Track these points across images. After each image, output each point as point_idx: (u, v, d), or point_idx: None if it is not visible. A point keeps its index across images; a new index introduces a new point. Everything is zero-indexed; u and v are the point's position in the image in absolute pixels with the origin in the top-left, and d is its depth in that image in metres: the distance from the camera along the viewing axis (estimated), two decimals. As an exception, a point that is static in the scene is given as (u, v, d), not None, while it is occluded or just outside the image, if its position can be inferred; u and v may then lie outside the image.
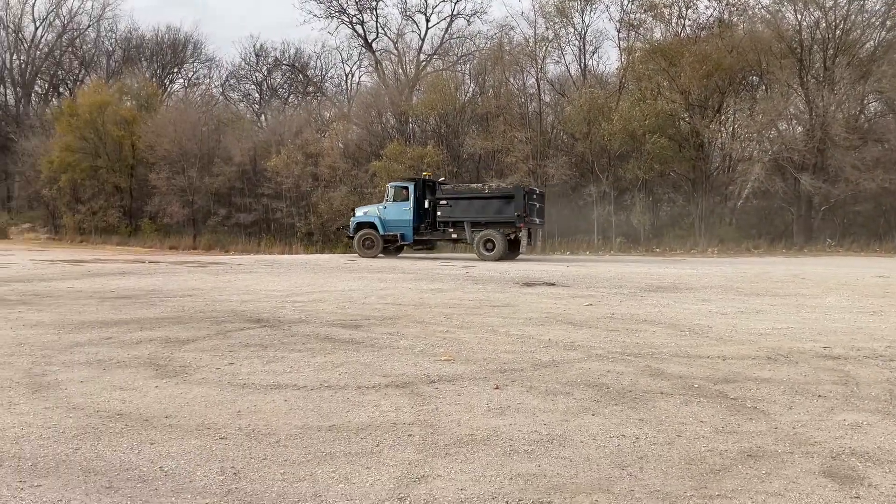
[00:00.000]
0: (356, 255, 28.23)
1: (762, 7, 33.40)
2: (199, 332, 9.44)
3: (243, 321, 10.38)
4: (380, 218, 27.64)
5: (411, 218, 27.38)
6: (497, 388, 6.71)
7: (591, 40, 36.19)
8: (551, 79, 36.87)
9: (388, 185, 28.78)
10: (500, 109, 34.26)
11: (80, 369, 7.36)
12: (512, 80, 36.27)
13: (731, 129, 33.51)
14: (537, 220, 27.40)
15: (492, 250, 26.13)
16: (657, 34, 34.51)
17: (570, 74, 36.72)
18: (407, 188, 27.81)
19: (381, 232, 27.62)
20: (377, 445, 5.14)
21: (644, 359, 8.04)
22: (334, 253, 30.45)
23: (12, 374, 7.15)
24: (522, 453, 5.01)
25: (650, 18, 34.70)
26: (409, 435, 5.37)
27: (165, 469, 4.69)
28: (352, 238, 28.56)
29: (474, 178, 35.63)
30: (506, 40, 37.36)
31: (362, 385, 6.79)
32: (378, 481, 4.51)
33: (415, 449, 5.08)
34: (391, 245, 28.24)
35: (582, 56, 36.22)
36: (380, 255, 27.71)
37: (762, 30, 32.55)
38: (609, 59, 43.96)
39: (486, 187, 27.86)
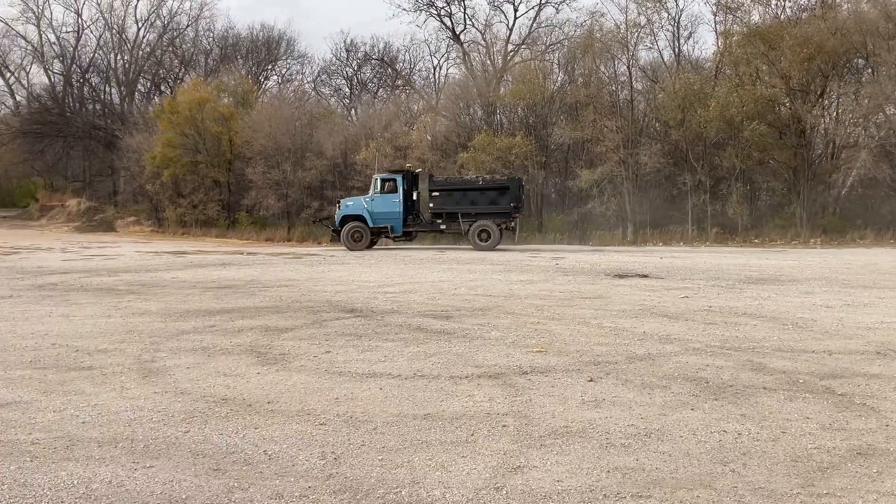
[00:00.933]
0: (442, 245, 28.41)
1: (869, -15, 31.73)
2: (296, 322, 9.71)
3: (338, 311, 10.61)
4: (368, 210, 27.44)
5: (401, 210, 27.42)
6: (591, 380, 6.63)
7: (686, 25, 35.38)
8: (643, 65, 36.03)
9: (375, 176, 28.44)
10: (589, 98, 33.71)
11: (186, 356, 7.69)
12: (602, 67, 35.62)
13: (834, 114, 31.99)
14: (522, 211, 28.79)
15: (486, 240, 26.67)
16: (755, 17, 33.26)
17: (663, 60, 35.82)
18: (395, 180, 27.73)
19: (370, 224, 27.42)
20: (472, 435, 5.17)
21: (745, 353, 7.80)
22: (423, 245, 30.74)
23: (123, 360, 7.53)
24: (619, 446, 4.94)
25: (748, 1, 33.47)
26: (504, 425, 5.37)
27: (269, 453, 4.85)
28: (337, 231, 28.12)
29: (562, 168, 35.28)
30: (596, 27, 36.72)
31: (455, 375, 6.84)
32: (474, 470, 4.54)
33: (510, 439, 5.08)
34: (377, 238, 28.18)
35: (676, 41, 35.26)
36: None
37: (868, 10, 30.92)
38: (705, 44, 42.79)
39: (481, 179, 28.19)
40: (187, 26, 49.87)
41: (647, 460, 4.68)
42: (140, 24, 49.16)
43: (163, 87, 50.55)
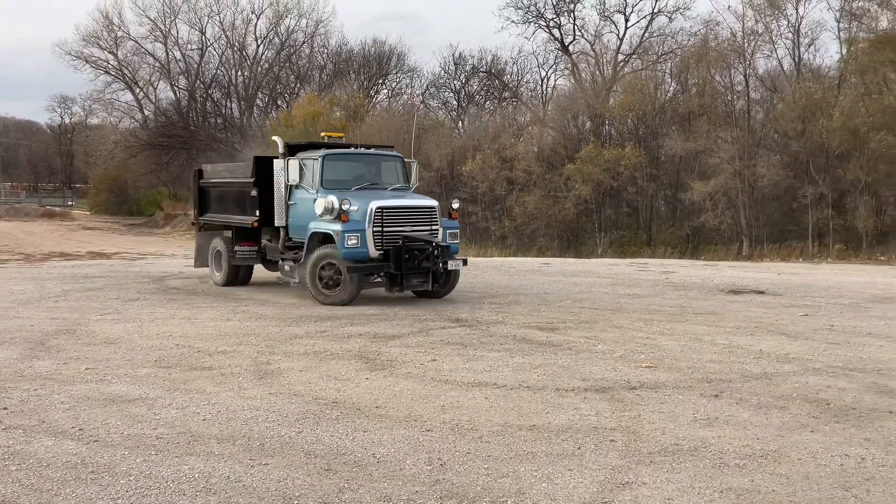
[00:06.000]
0: (547, 257, 28.17)
1: None
2: (403, 329, 9.87)
3: (444, 320, 10.71)
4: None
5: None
6: (715, 395, 6.44)
7: (807, 32, 33.57)
8: (761, 74, 34.71)
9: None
10: (703, 108, 32.72)
11: (299, 359, 7.96)
12: (717, 77, 34.55)
13: (972, 123, 29.87)
14: None
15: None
16: (883, 23, 31.47)
17: (782, 69, 34.37)
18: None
19: None
20: (578, 448, 5.12)
21: (869, 374, 7.38)
22: (527, 256, 30.61)
23: (241, 361, 7.86)
24: (733, 467, 4.77)
25: (875, 6, 31.71)
26: (612, 440, 5.29)
27: (377, 456, 4.96)
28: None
29: (674, 180, 34.40)
30: (711, 36, 35.71)
31: (560, 387, 6.79)
32: (581, 484, 4.49)
33: (618, 454, 5.00)
34: None
35: (796, 49, 33.76)
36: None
37: None
38: (827, 52, 40.83)
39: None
40: (303, 43, 51.76)
41: (762, 482, 4.51)
42: (259, 42, 51.40)
43: (279, 102, 52.59)
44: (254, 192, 13.62)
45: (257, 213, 13.59)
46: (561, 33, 42.20)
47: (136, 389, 6.65)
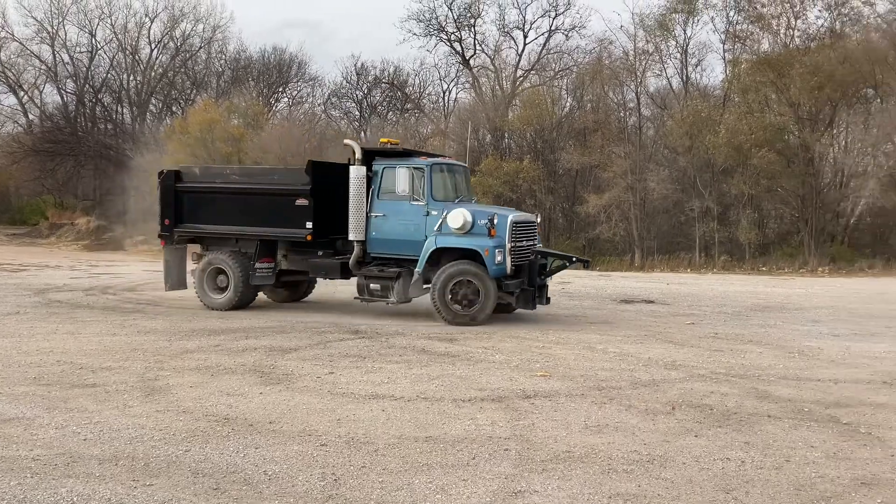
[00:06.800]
0: None
1: (877, 16, 31.82)
2: (300, 342, 9.70)
3: (342, 332, 10.60)
4: None
5: None
6: (606, 402, 6.61)
7: (694, 52, 35.20)
8: (652, 92, 36.16)
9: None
10: (598, 124, 33.81)
11: (189, 375, 7.69)
12: (611, 94, 35.78)
13: (843, 143, 31.95)
14: None
15: None
16: (765, 45, 33.35)
17: (671, 88, 35.93)
18: None
19: None
20: (473, 458, 5.15)
21: (750, 380, 7.75)
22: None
23: (127, 377, 7.53)
24: (621, 472, 4.91)
25: (757, 29, 33.58)
26: (506, 449, 5.35)
27: (269, 473, 4.84)
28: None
29: (570, 193, 35.33)
30: (605, 54, 36.91)
31: (458, 398, 6.82)
32: (475, 494, 4.51)
33: (511, 463, 5.06)
34: None
35: (684, 69, 35.34)
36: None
37: (877, 39, 30.99)
38: (713, 72, 42.91)
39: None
40: (200, 48, 50.35)
41: (649, 487, 4.65)
42: (153, 46, 49.66)
43: (174, 108, 50.94)
44: (304, 202, 12.21)
45: (309, 225, 12.18)
46: (462, 47, 42.65)
47: (13, 409, 6.27)
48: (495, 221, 11.38)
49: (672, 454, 5.28)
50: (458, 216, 11.44)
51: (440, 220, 11.56)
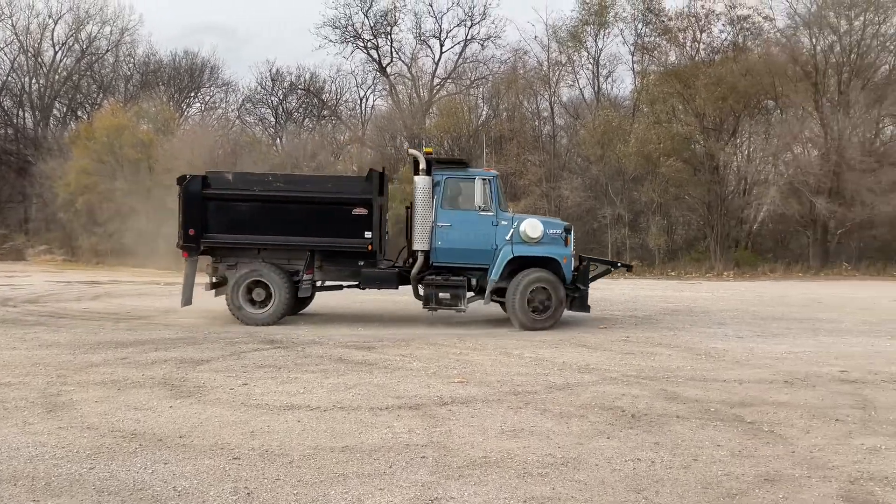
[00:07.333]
0: None
1: (777, 31, 33.42)
2: (213, 353, 9.46)
3: (257, 342, 10.39)
4: None
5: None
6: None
7: (605, 64, 36.24)
8: (565, 102, 36.99)
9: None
10: (513, 133, 34.36)
11: (95, 389, 7.39)
12: (525, 103, 36.41)
13: (746, 152, 33.41)
14: None
15: None
16: (672, 58, 34.61)
17: (583, 98, 36.84)
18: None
19: None
20: (390, 467, 5.12)
21: (659, 382, 7.98)
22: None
23: (27, 393, 7.18)
24: (536, 476, 4.97)
25: (664, 42, 34.81)
26: (423, 457, 5.34)
27: (178, 489, 4.69)
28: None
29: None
30: (519, 64, 37.51)
31: (375, 406, 6.78)
32: (391, 503, 4.49)
33: (427, 471, 5.05)
34: None
35: (596, 80, 36.32)
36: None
37: (777, 53, 32.55)
38: (623, 83, 44.29)
39: None
40: (107, 51, 48.62)
41: (563, 489, 4.72)
42: (57, 48, 47.73)
43: (80, 113, 49.02)
44: (363, 211, 12.04)
45: (368, 235, 12.05)
46: (378, 55, 42.56)
47: None
48: (571, 231, 12.54)
49: (585, 456, 5.38)
50: (536, 226, 12.12)
51: (511, 230, 12.03)
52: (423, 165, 12.22)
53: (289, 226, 12.24)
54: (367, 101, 48.38)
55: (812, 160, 31.37)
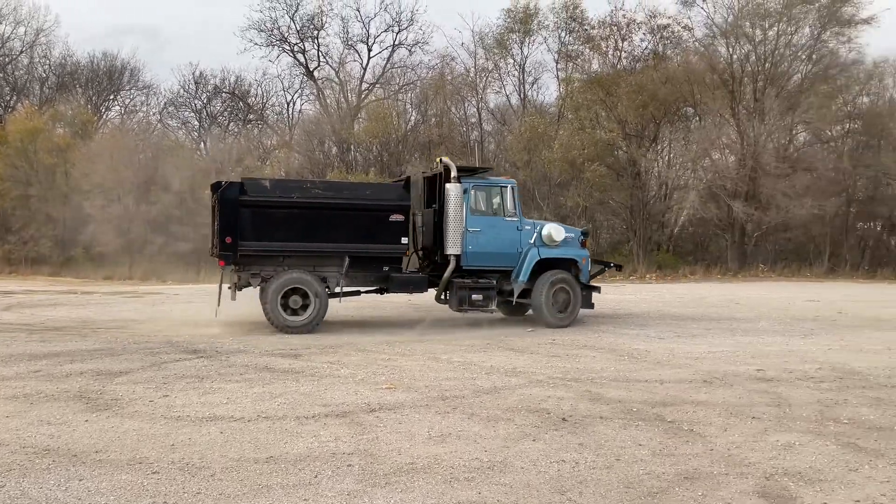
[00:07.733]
0: None
1: (695, 40, 34.61)
2: (132, 364, 9.17)
3: (179, 352, 10.13)
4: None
5: None
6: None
7: (531, 71, 36.87)
8: (492, 108, 37.42)
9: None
10: (441, 138, 34.57)
11: (5, 404, 7.06)
12: (454, 109, 36.69)
13: (666, 158, 34.41)
14: None
15: None
16: (595, 65, 35.43)
17: (510, 104, 37.33)
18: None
19: None
20: (315, 476, 5.05)
21: (584, 384, 8.11)
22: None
23: (-69, 410, 6.83)
24: (463, 481, 4.98)
25: (587, 50, 35.61)
26: (349, 465, 5.29)
27: (93, 506, 4.52)
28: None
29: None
30: (447, 70, 37.80)
31: (301, 415, 6.68)
32: (316, 513, 4.43)
33: (354, 479, 5.00)
34: None
35: (522, 86, 36.89)
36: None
37: (695, 62, 33.68)
38: (548, 90, 45.10)
39: None
40: (21, 52, 46.79)
41: (489, 493, 4.74)
42: (-34, 48, 45.71)
43: (-9, 115, 47.05)
44: (400, 217, 12.32)
45: (405, 241, 12.40)
46: (305, 59, 42.18)
47: None
48: (586, 235, 13.73)
49: (511, 459, 5.42)
50: (559, 230, 13.10)
51: (534, 234, 12.97)
52: (454, 173, 12.69)
53: (326, 232, 12.31)
54: (294, 105, 47.85)
55: (729, 165, 32.51)
